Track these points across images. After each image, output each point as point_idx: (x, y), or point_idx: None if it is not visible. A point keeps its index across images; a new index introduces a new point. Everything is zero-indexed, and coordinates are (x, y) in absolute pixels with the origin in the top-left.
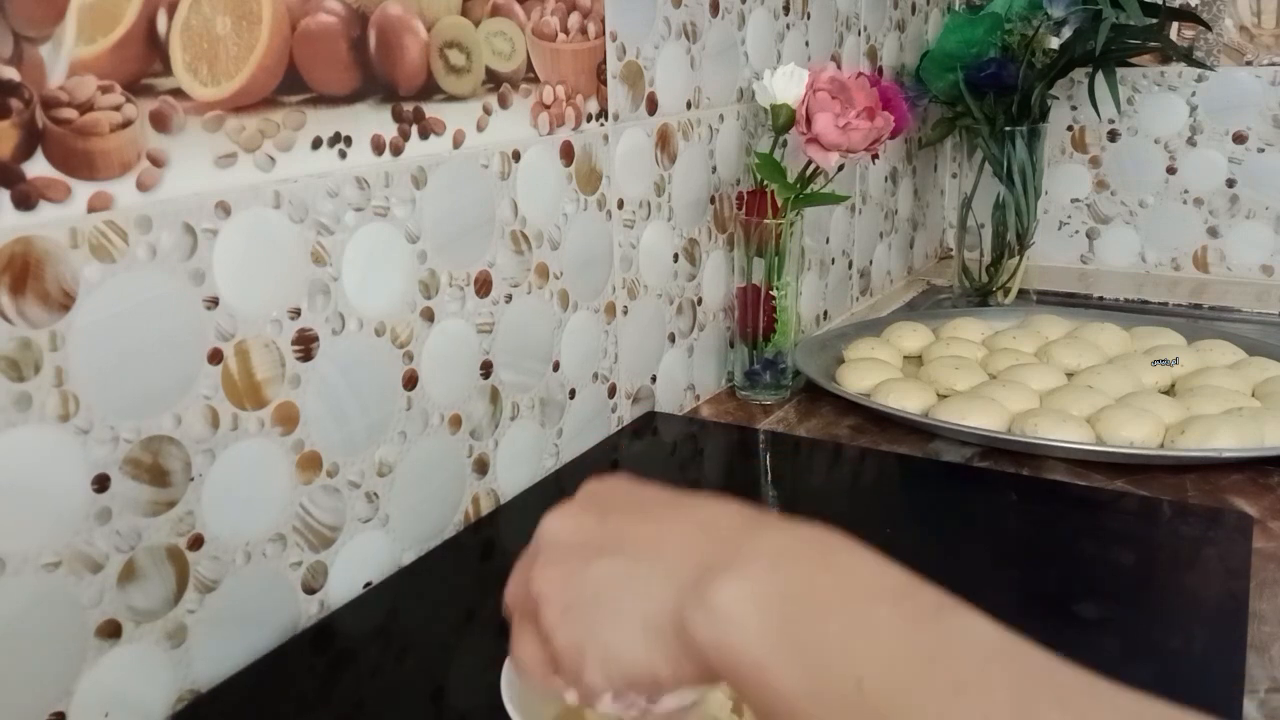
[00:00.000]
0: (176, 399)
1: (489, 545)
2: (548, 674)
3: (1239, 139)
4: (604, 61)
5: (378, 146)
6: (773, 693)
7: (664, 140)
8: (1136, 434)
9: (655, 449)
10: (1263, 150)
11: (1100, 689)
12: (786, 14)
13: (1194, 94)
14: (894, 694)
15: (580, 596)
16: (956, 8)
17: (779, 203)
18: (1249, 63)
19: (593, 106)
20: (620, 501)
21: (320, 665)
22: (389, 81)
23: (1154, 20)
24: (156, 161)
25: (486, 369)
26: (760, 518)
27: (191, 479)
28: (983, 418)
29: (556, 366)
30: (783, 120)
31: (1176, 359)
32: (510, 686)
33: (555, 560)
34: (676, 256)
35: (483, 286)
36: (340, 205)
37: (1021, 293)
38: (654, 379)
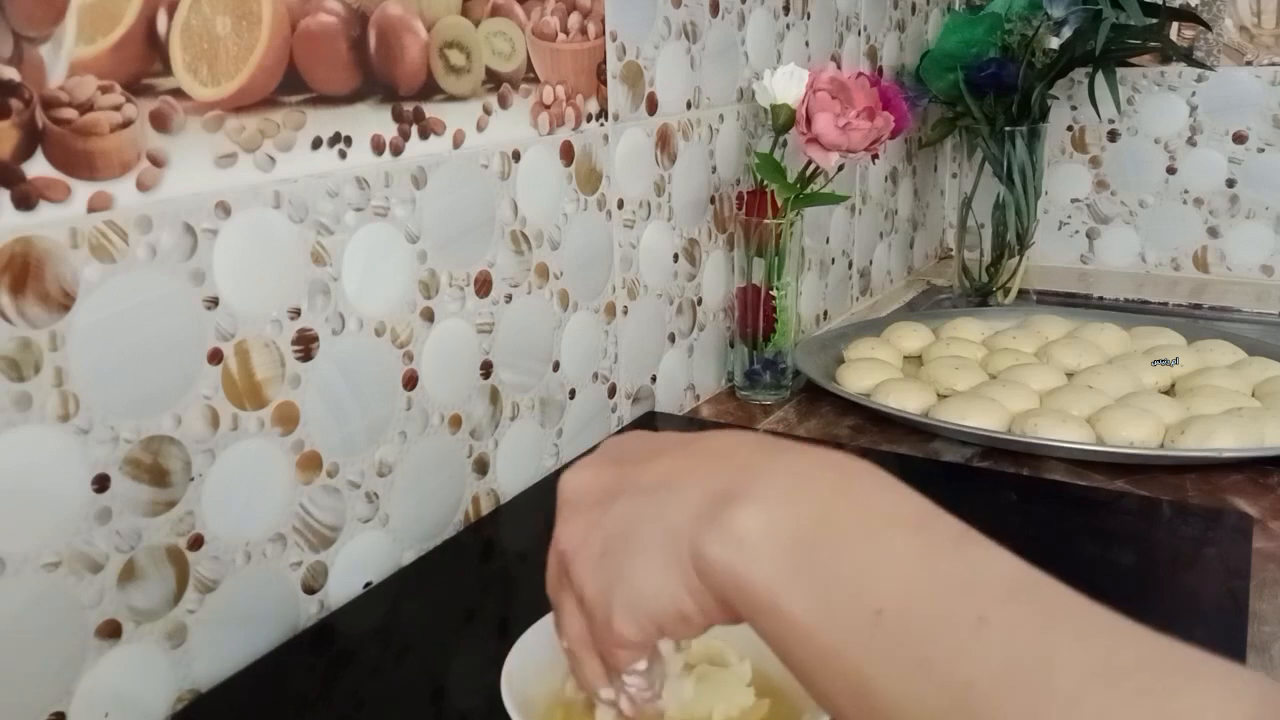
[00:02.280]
0: (176, 399)
1: (489, 545)
2: (593, 651)
3: (1239, 139)
4: (604, 61)
5: (378, 146)
6: (787, 620)
7: (664, 140)
8: (1136, 434)
9: None
10: (1263, 150)
11: (1122, 624)
12: (786, 14)
13: (1194, 94)
14: (914, 625)
15: (605, 543)
16: (956, 8)
17: (779, 203)
18: (1249, 63)
19: (593, 106)
20: (635, 449)
21: (320, 665)
22: (389, 81)
23: (1154, 20)
24: (156, 161)
25: (486, 369)
26: (777, 443)
27: (191, 479)
28: (983, 418)
29: (556, 366)
30: (783, 120)
31: (1176, 359)
32: (510, 686)
33: (576, 514)
34: (676, 256)
35: (483, 286)
36: (340, 205)
37: (1021, 293)
38: (654, 379)
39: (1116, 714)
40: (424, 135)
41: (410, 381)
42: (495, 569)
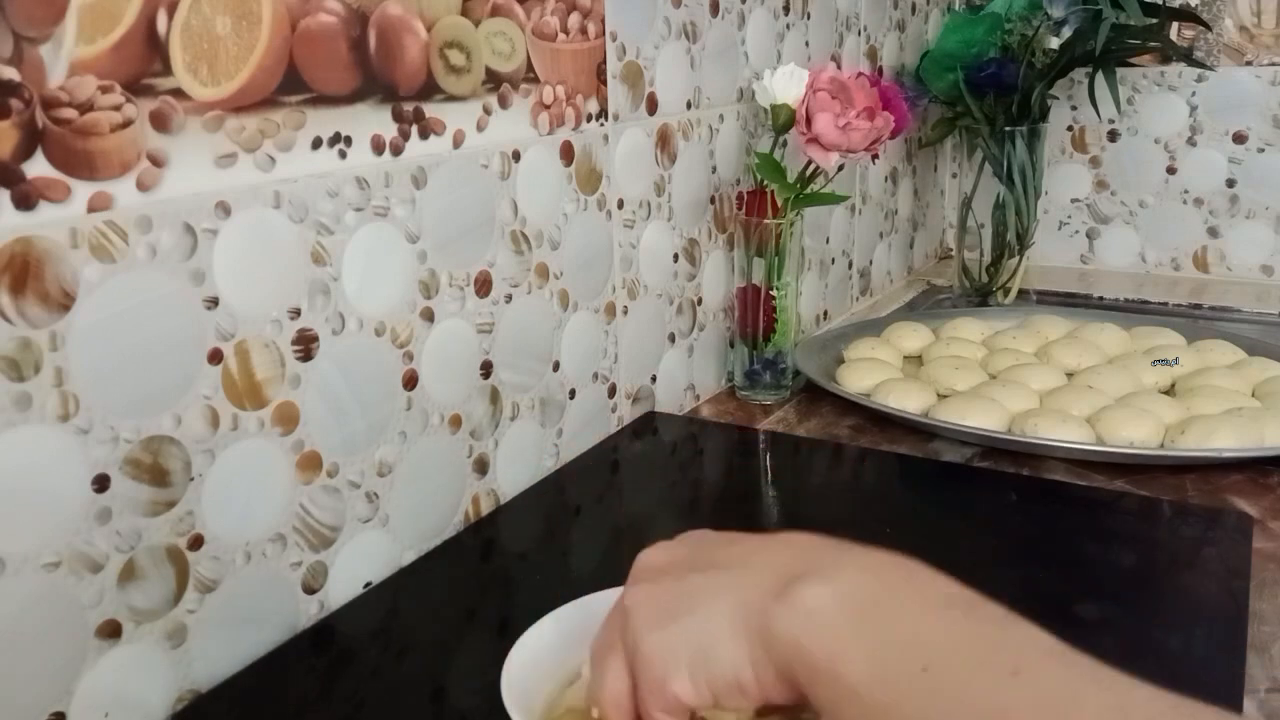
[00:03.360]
0: (176, 399)
1: (489, 545)
2: (628, 712)
3: (1239, 139)
4: (604, 61)
5: (378, 146)
6: (843, 682)
7: (664, 140)
8: (1136, 434)
9: (655, 449)
10: (1263, 150)
11: (1141, 683)
12: (786, 14)
13: (1194, 94)
14: (955, 675)
15: (672, 605)
16: (956, 8)
17: (779, 203)
18: (1249, 63)
19: (593, 106)
20: (714, 536)
21: (320, 665)
22: (389, 81)
23: (1154, 20)
24: (156, 161)
25: (486, 369)
26: (847, 543)
27: (191, 479)
28: (983, 418)
29: (556, 366)
30: (783, 120)
31: (1176, 359)
32: (510, 686)
33: (647, 579)
34: (676, 256)
35: (483, 286)
36: (340, 205)
37: (1021, 293)
38: (654, 379)
39: None
40: (424, 135)
41: (410, 381)
42: (495, 569)
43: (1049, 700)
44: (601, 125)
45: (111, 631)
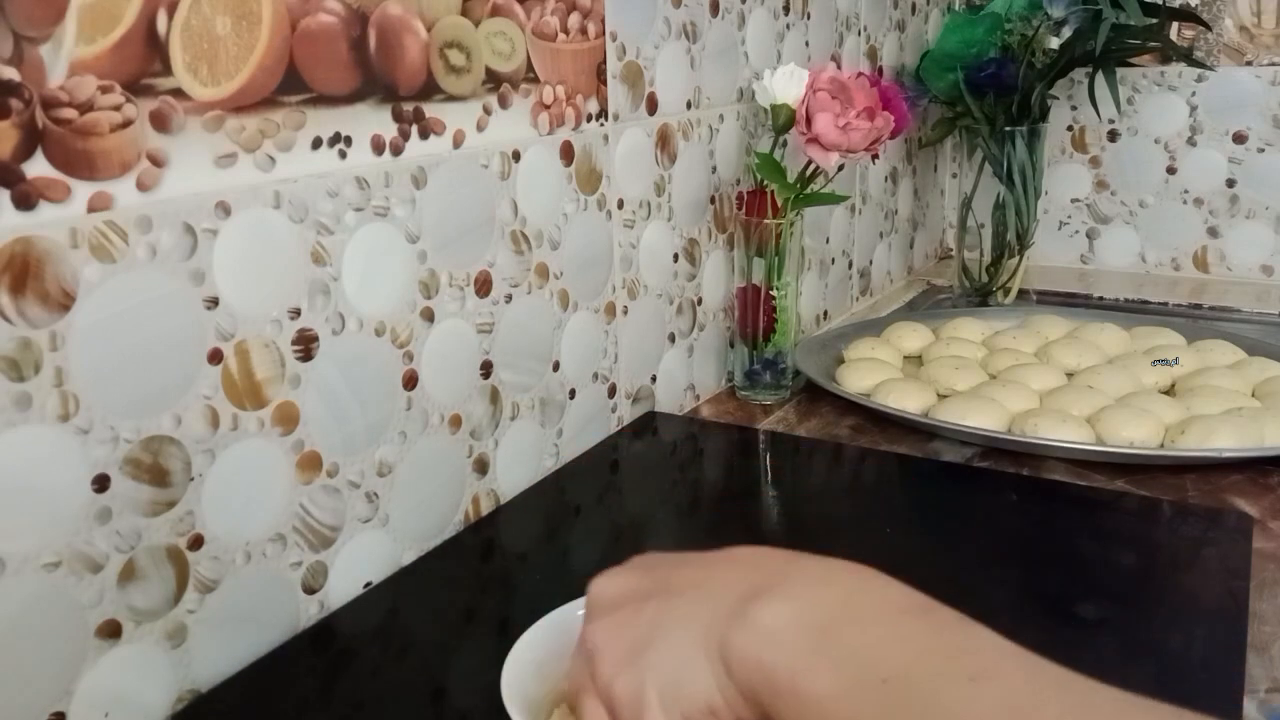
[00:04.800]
0: (176, 399)
1: (489, 545)
2: None
3: (1239, 139)
4: (604, 61)
5: (378, 146)
6: (805, 698)
7: (664, 140)
8: (1136, 434)
9: (655, 449)
10: (1263, 150)
11: (1099, 684)
12: (786, 14)
13: (1194, 94)
14: (916, 684)
15: (635, 639)
16: (956, 8)
17: (779, 203)
18: (1249, 63)
19: (593, 106)
20: (662, 560)
21: (320, 665)
22: (389, 81)
23: (1154, 20)
24: (156, 161)
25: (486, 369)
26: (797, 553)
27: (191, 479)
28: (983, 418)
29: (556, 366)
30: (783, 120)
31: (1176, 359)
32: (510, 686)
33: (605, 613)
34: (676, 256)
35: (483, 286)
36: (340, 205)
37: (1021, 293)
38: (654, 379)
39: None
40: (424, 135)
41: (410, 381)
42: (495, 569)
43: (1010, 705)
44: (601, 125)
45: (111, 631)
